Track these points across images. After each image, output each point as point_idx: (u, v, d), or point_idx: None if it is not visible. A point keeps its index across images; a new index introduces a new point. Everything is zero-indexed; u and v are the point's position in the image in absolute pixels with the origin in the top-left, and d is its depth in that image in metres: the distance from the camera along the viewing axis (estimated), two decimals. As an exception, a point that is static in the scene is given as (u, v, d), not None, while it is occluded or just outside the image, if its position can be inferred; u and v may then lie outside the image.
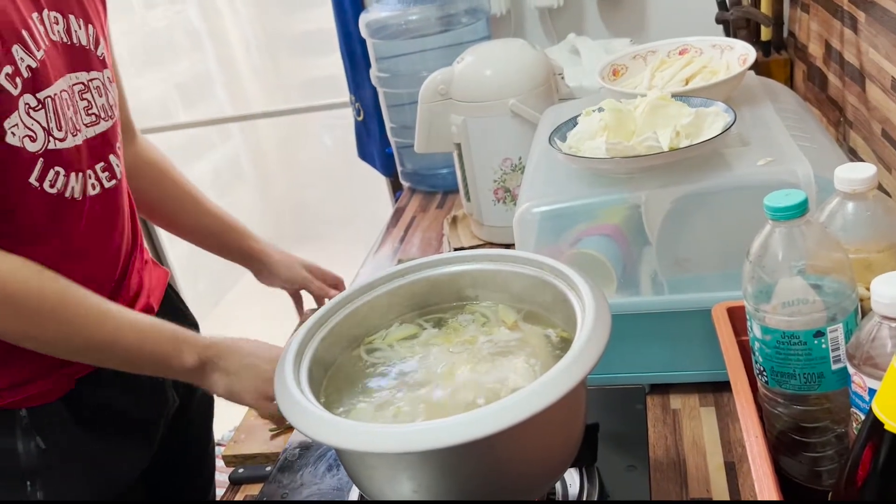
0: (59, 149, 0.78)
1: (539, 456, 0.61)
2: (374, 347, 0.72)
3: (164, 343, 0.82)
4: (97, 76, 0.85)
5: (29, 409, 0.83)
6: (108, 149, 0.86)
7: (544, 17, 1.77)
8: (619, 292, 0.87)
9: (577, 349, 0.57)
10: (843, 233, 0.62)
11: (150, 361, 0.82)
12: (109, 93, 0.87)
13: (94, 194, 0.83)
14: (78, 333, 0.78)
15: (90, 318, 0.78)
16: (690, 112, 0.86)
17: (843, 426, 0.62)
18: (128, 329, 0.80)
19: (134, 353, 0.81)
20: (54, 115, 0.77)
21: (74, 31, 0.82)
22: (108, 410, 0.89)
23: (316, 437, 0.55)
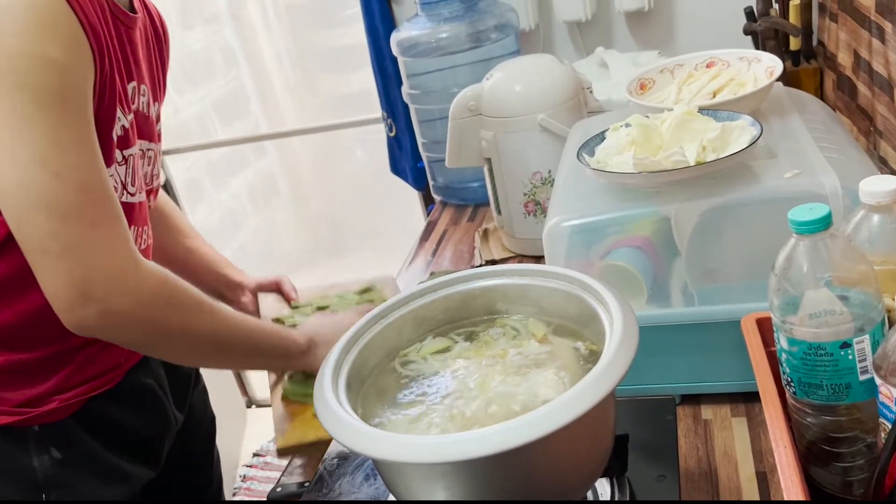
0: (130, 202, 0.86)
1: (570, 466, 0.62)
2: (409, 360, 0.74)
3: (278, 331, 0.93)
4: (153, 147, 0.94)
5: (41, 425, 0.86)
6: (148, 210, 0.95)
7: (573, 30, 1.79)
8: (650, 303, 0.89)
9: (605, 361, 0.59)
10: (868, 245, 0.63)
11: (273, 348, 0.91)
12: (157, 163, 0.97)
13: (142, 249, 0.90)
14: (224, 325, 0.85)
15: (227, 312, 0.86)
16: (717, 126, 0.87)
17: (872, 436, 0.62)
18: (252, 322, 0.91)
19: (264, 344, 0.90)
20: (131, 172, 0.86)
21: (150, 104, 0.91)
22: (117, 427, 0.92)
23: (355, 447, 0.58)
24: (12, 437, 0.85)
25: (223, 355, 0.89)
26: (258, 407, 2.81)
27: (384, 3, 1.83)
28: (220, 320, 0.85)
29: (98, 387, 0.89)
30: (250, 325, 0.90)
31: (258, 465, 2.42)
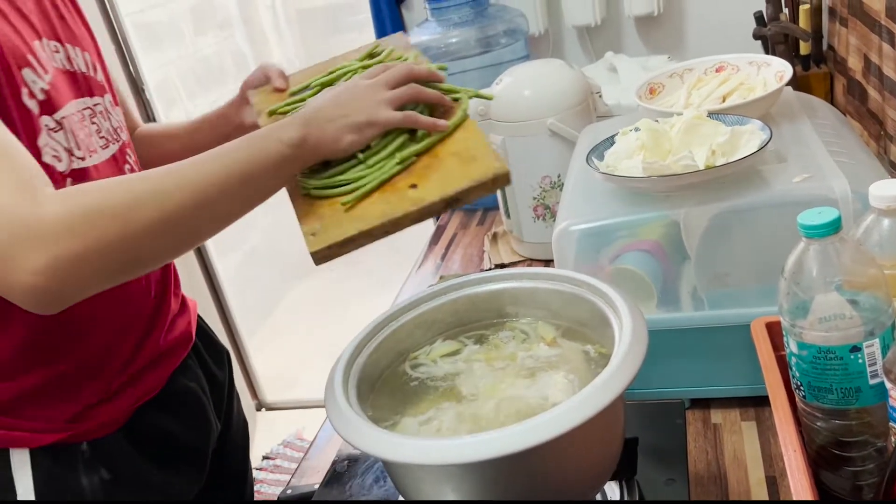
0: (83, 168, 0.79)
1: (579, 468, 0.62)
2: (419, 363, 0.75)
3: (256, 137, 0.75)
4: (100, 101, 0.86)
5: (90, 442, 0.83)
6: (120, 172, 0.86)
7: (582, 35, 1.79)
8: (660, 308, 0.89)
9: (614, 365, 0.59)
10: (878, 248, 0.63)
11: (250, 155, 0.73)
12: (113, 116, 0.88)
13: None
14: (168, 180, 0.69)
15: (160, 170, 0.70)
16: (726, 131, 0.87)
17: (882, 440, 0.62)
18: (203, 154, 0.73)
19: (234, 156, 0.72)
20: (72, 136, 0.78)
21: (73, 58, 0.83)
22: (164, 438, 0.90)
23: (366, 449, 0.58)
24: (62, 458, 0.82)
25: (199, 208, 0.69)
26: (268, 410, 2.82)
27: (394, 9, 1.84)
28: (157, 182, 0.69)
29: (145, 394, 0.87)
30: (202, 157, 0.72)
31: (268, 468, 2.43)
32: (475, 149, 0.76)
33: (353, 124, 0.77)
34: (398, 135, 0.79)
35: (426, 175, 0.75)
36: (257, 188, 0.74)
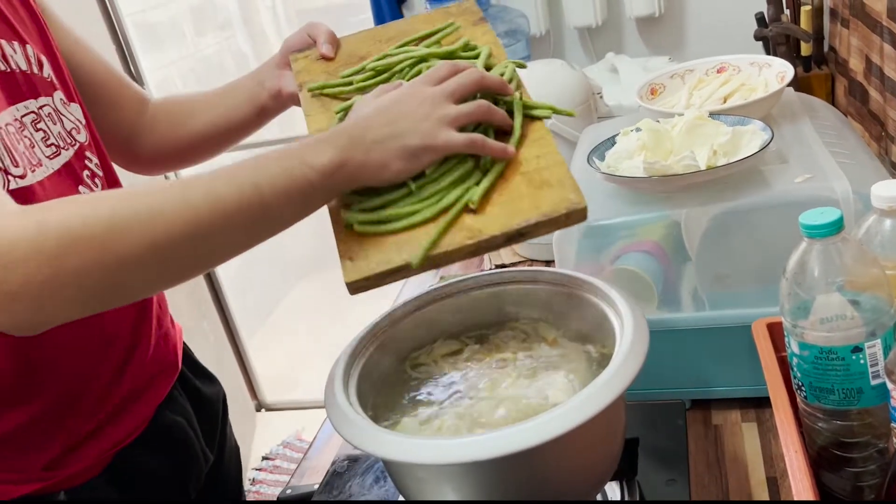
0: (24, 187, 0.67)
1: (579, 469, 0.62)
2: (419, 363, 0.75)
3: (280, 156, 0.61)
4: (46, 102, 0.75)
5: (68, 490, 0.74)
6: (76, 180, 0.75)
7: (583, 36, 1.79)
8: (661, 308, 0.89)
9: (615, 365, 0.59)
10: (880, 249, 0.63)
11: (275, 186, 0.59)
12: (66, 117, 0.77)
13: None
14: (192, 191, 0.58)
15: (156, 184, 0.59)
16: (727, 131, 0.87)
17: (884, 441, 0.62)
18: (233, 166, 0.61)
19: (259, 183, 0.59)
20: (7, 153, 0.67)
21: (9, 56, 0.72)
22: (150, 479, 0.82)
23: (366, 448, 0.58)
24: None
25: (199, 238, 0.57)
26: (267, 410, 2.82)
27: (395, 9, 1.84)
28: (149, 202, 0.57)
29: (128, 433, 0.79)
30: (209, 174, 0.59)
31: (268, 468, 2.43)
32: (549, 171, 0.64)
33: (406, 149, 0.63)
34: (459, 161, 0.66)
35: (488, 197, 0.64)
36: (274, 220, 0.61)
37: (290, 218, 0.62)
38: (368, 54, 0.83)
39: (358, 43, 0.86)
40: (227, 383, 1.07)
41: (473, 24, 0.83)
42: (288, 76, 0.88)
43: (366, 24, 1.95)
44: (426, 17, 0.86)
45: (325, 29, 0.87)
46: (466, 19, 0.85)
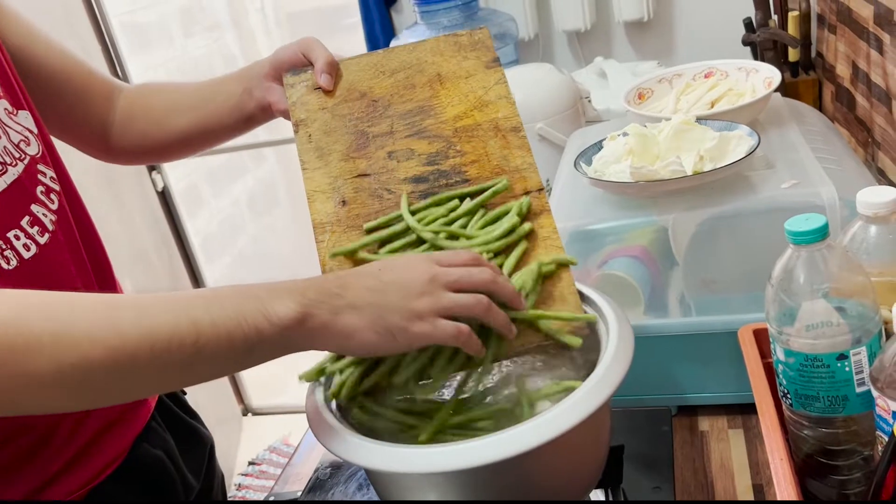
0: None
1: (564, 476, 0.62)
2: None
3: (234, 296, 0.55)
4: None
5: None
6: (28, 198, 0.69)
7: (572, 40, 1.79)
8: (647, 313, 0.88)
9: (600, 371, 0.58)
10: (866, 256, 0.63)
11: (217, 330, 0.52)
12: (11, 129, 0.70)
13: (29, 256, 0.66)
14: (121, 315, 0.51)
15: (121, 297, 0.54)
16: (714, 136, 0.87)
17: (869, 449, 0.62)
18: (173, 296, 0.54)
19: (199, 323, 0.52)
20: None
21: None
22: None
23: (347, 457, 0.57)
24: None
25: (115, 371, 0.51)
26: (254, 415, 2.80)
27: (384, 12, 1.84)
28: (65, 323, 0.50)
29: (102, 468, 0.73)
30: (145, 300, 0.53)
31: (254, 473, 2.41)
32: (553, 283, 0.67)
33: (384, 323, 0.57)
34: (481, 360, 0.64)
35: None
36: (207, 364, 0.53)
37: (227, 366, 0.55)
38: (370, 90, 0.79)
39: (359, 72, 0.80)
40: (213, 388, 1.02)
41: (486, 66, 0.79)
42: (278, 91, 0.83)
43: (356, 28, 1.95)
44: (433, 46, 0.81)
45: (322, 52, 0.80)
46: (478, 58, 0.79)
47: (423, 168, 0.73)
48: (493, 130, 0.74)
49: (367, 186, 0.72)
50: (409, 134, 0.75)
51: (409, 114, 0.76)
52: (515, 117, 0.75)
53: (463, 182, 0.72)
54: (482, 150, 0.73)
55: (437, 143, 0.74)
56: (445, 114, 0.76)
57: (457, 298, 0.59)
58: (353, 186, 0.72)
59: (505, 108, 0.75)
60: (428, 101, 0.77)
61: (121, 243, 2.22)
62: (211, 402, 2.48)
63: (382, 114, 0.76)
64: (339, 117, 0.77)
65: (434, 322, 0.58)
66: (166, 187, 2.51)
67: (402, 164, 0.73)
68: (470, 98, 0.76)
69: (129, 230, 2.31)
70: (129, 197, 2.35)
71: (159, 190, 2.49)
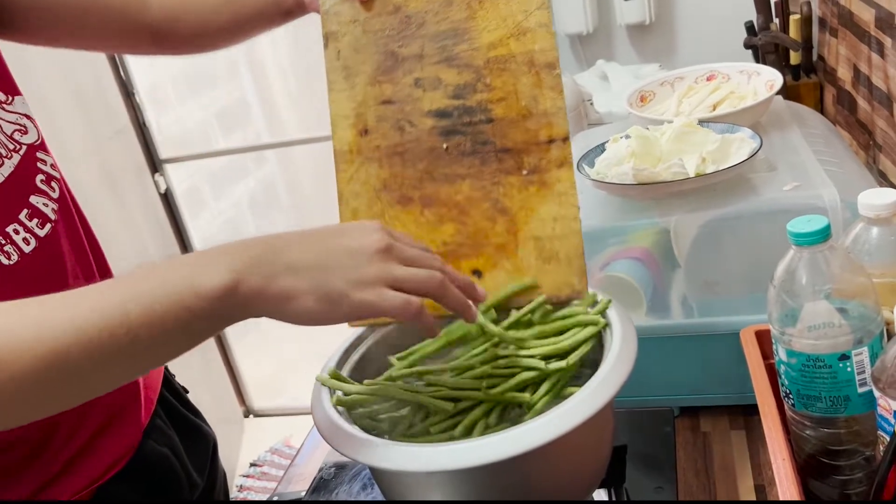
0: None
1: (567, 475, 0.62)
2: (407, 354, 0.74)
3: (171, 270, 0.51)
4: None
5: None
6: (27, 189, 0.67)
7: (574, 43, 1.80)
8: (649, 315, 0.88)
9: (603, 372, 0.59)
10: (867, 257, 0.63)
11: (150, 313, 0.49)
12: (5, 120, 0.68)
13: (29, 250, 0.66)
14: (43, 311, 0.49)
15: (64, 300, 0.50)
16: (716, 138, 0.87)
17: (871, 449, 0.62)
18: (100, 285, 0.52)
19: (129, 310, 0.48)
20: None
21: None
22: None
23: (353, 455, 0.57)
24: None
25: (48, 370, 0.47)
26: (255, 417, 2.80)
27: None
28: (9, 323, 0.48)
29: (108, 467, 0.73)
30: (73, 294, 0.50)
31: (255, 475, 2.41)
32: (561, 241, 0.63)
33: (325, 288, 0.52)
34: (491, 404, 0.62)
35: (495, 261, 0.63)
36: (148, 353, 0.50)
37: (171, 348, 0.51)
38: (405, 3, 0.73)
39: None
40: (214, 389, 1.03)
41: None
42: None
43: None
44: None
45: None
46: None
47: (448, 101, 0.69)
48: (527, 65, 0.69)
49: (390, 116, 0.70)
50: (439, 60, 0.71)
51: (441, 35, 0.72)
52: (552, 51, 0.70)
53: (487, 122, 0.68)
54: (512, 87, 0.69)
55: (467, 74, 0.70)
56: (480, 39, 0.71)
57: (410, 270, 0.55)
58: (377, 114, 0.70)
59: (543, 40, 0.70)
60: (464, 22, 0.72)
61: (123, 244, 2.23)
62: (212, 403, 2.48)
63: (415, 33, 0.72)
64: (370, 33, 0.74)
65: (381, 292, 0.53)
66: (168, 189, 2.52)
67: (428, 95, 0.70)
68: (508, 23, 0.70)
69: (132, 231, 2.32)
70: (131, 198, 2.36)
71: (162, 191, 2.49)
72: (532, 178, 0.65)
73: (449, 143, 0.68)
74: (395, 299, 0.53)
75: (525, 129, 0.67)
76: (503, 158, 0.67)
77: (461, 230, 0.64)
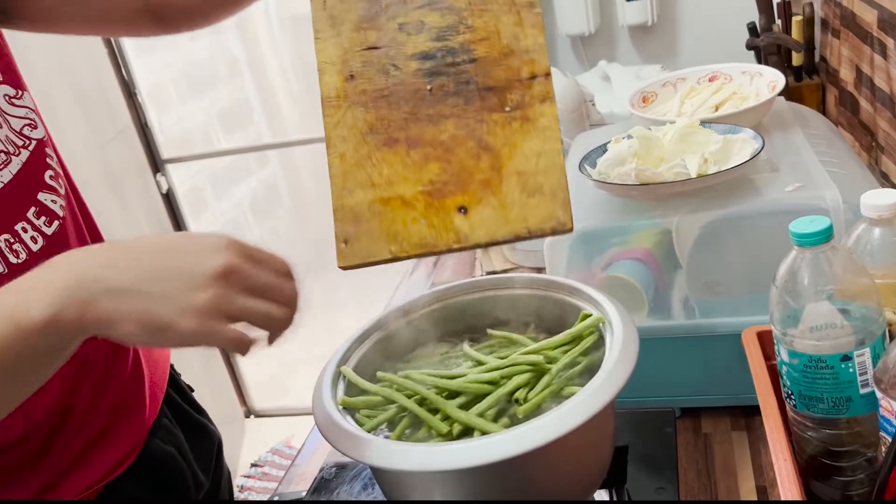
0: None
1: (569, 475, 0.62)
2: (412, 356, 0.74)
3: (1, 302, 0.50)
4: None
5: None
6: (36, 186, 0.67)
7: (576, 44, 1.80)
8: (651, 316, 0.88)
9: (605, 372, 0.59)
10: (869, 258, 0.63)
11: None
12: (12, 115, 0.67)
13: (37, 249, 0.65)
14: None
15: None
16: (718, 139, 0.87)
17: (873, 450, 0.62)
18: None
19: None
20: None
21: None
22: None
23: (354, 455, 0.57)
24: None
25: None
26: (256, 417, 2.80)
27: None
28: None
29: (115, 464, 0.73)
30: None
31: (256, 475, 2.41)
32: (545, 175, 0.64)
33: (149, 317, 0.48)
34: None
35: (480, 197, 0.64)
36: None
37: (18, 382, 0.50)
38: None
39: None
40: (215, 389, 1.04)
41: None
42: None
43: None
44: None
45: None
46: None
47: (431, 44, 0.71)
48: (508, 4, 0.71)
49: (374, 61, 0.72)
50: (422, 4, 0.73)
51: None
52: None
53: (469, 62, 0.70)
54: (493, 27, 0.71)
55: (449, 17, 0.72)
56: None
57: (248, 304, 0.50)
58: (362, 60, 0.72)
59: None
60: None
61: (125, 245, 2.22)
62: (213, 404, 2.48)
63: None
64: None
65: (213, 324, 0.49)
66: (170, 189, 2.52)
67: (412, 38, 0.72)
68: None
69: (133, 231, 2.32)
70: (133, 199, 2.36)
71: (163, 192, 2.50)
72: (515, 114, 0.67)
73: (433, 84, 0.70)
74: (225, 334, 0.49)
75: (507, 66, 0.69)
76: (486, 97, 0.68)
77: (446, 168, 0.66)
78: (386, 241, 0.64)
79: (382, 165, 0.67)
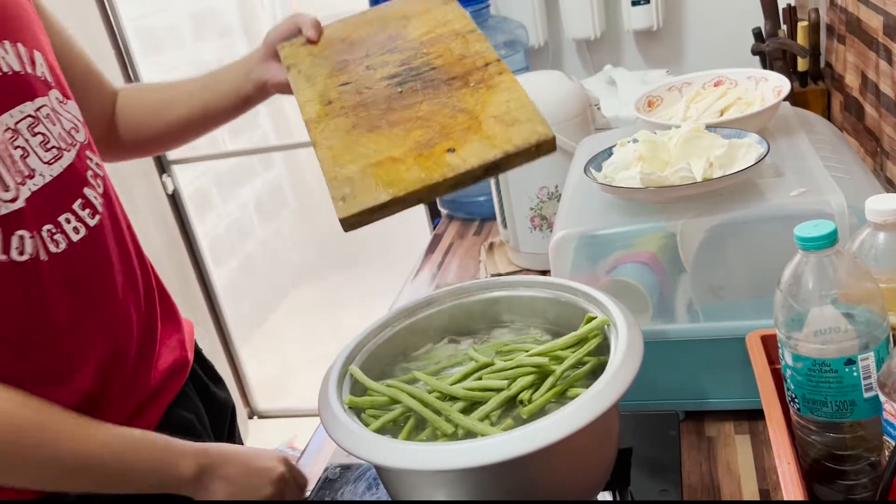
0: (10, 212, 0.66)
1: (573, 477, 0.62)
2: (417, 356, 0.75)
3: (157, 453, 0.71)
4: (44, 102, 0.72)
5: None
6: (80, 182, 0.75)
7: (581, 48, 1.80)
8: (655, 319, 0.89)
9: (609, 375, 0.59)
10: (874, 263, 0.63)
11: (142, 477, 0.71)
12: (63, 116, 0.75)
13: (77, 239, 0.73)
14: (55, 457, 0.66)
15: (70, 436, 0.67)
16: (724, 143, 0.87)
17: (876, 454, 0.62)
18: (116, 444, 0.69)
19: (125, 470, 0.70)
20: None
21: (2, 57, 0.68)
22: None
23: (359, 454, 0.58)
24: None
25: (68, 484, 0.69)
26: (260, 418, 2.81)
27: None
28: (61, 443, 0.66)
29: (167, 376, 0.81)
30: (107, 451, 0.68)
31: (259, 476, 2.41)
32: (518, 111, 0.70)
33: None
34: None
35: (465, 138, 0.69)
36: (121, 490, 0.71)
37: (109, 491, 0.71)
38: (348, 36, 0.90)
39: (340, 29, 0.93)
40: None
41: (443, 2, 0.89)
42: (274, 68, 0.92)
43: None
44: (402, 2, 0.93)
45: (310, 17, 0.91)
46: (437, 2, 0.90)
47: (396, 69, 0.82)
48: (454, 35, 0.84)
49: (349, 89, 0.81)
50: (383, 52, 0.85)
51: (381, 41, 0.87)
52: (471, 24, 0.84)
53: (431, 69, 0.79)
54: (445, 48, 0.82)
55: (408, 51, 0.84)
56: (413, 34, 0.86)
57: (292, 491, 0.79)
58: (338, 91, 0.81)
59: (461, 21, 0.85)
60: (398, 30, 0.88)
61: (130, 245, 2.23)
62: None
63: (359, 47, 0.88)
64: (324, 57, 0.88)
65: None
66: (176, 190, 2.53)
67: (378, 70, 0.82)
68: (432, 22, 0.87)
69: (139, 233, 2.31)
70: (139, 199, 2.37)
71: (169, 193, 2.50)
72: (479, 86, 0.74)
73: (403, 88, 0.78)
74: None
75: (463, 64, 0.78)
76: (451, 83, 0.76)
77: (428, 131, 0.71)
78: (383, 187, 0.67)
79: (370, 144, 0.72)
